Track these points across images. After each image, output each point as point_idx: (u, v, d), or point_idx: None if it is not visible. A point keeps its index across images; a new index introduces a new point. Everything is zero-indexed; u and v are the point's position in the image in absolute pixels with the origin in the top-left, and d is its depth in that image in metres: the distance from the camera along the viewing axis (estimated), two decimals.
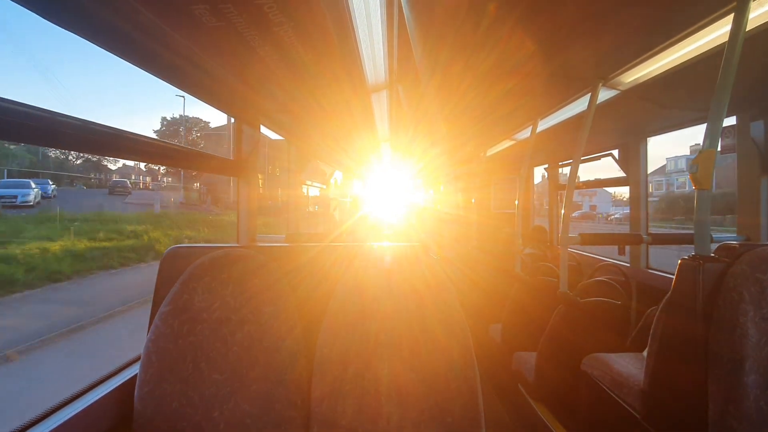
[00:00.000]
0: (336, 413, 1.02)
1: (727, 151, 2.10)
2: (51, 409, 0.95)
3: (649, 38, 1.41)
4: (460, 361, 1.05)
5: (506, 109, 2.52)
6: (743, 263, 1.07)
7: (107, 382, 1.10)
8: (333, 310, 1.11)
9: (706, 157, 1.13)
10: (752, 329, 1.03)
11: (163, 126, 33.01)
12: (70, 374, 4.20)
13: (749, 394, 1.00)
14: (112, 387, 1.07)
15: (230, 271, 1.11)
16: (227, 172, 1.94)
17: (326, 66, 1.53)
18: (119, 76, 63.22)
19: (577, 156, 2.05)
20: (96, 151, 1.06)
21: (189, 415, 1.02)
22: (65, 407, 0.97)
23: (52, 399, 0.98)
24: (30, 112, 0.81)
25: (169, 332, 1.05)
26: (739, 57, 1.12)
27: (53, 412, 0.95)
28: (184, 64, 1.33)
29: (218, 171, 1.89)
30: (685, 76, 1.63)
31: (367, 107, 2.35)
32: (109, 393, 1.05)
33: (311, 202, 11.10)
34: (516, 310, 2.66)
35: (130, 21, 1.04)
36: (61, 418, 0.92)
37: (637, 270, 2.73)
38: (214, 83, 1.56)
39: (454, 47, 1.57)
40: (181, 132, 31.57)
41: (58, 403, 0.98)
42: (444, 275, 1.14)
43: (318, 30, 1.21)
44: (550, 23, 1.33)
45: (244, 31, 1.14)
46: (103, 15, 0.97)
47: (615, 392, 1.49)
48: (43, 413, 0.93)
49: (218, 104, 1.72)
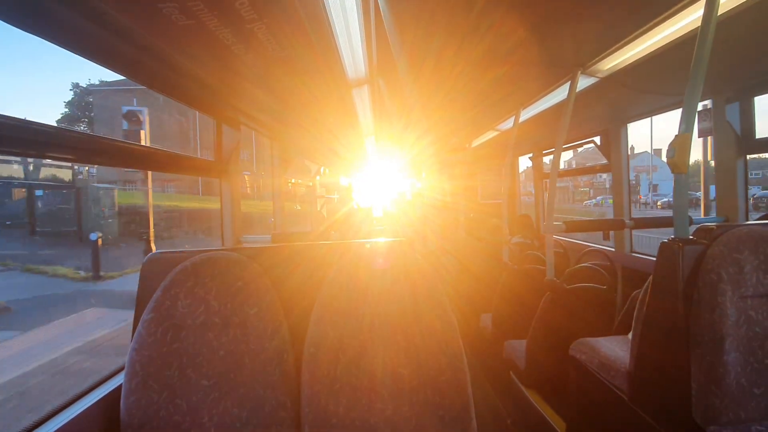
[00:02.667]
0: (327, 412, 1.02)
1: (704, 134, 2.14)
2: (34, 423, 0.93)
3: (625, 25, 1.42)
4: (449, 353, 1.06)
5: (489, 100, 2.53)
6: (720, 244, 1.10)
7: (91, 394, 1.07)
8: (320, 309, 1.10)
9: (682, 141, 1.15)
10: (731, 309, 1.05)
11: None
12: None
13: (729, 372, 1.03)
14: (97, 398, 1.05)
15: (213, 275, 1.09)
16: (209, 173, 1.91)
17: (304, 63, 1.51)
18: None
19: (559, 144, 2.07)
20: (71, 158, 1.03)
21: (177, 423, 1.00)
22: (49, 421, 0.95)
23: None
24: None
25: (153, 340, 1.03)
26: (713, 41, 1.13)
27: (37, 426, 0.93)
28: (155, 64, 1.30)
29: (200, 173, 1.86)
30: (662, 62, 1.65)
31: (348, 102, 2.33)
32: (93, 404, 1.03)
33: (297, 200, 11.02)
34: (505, 298, 2.69)
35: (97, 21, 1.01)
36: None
37: (621, 254, 2.78)
38: (191, 84, 1.53)
39: (432, 39, 1.57)
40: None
41: (42, 416, 0.96)
42: (430, 269, 1.14)
43: (293, 27, 1.19)
44: (529, 12, 1.33)
45: (216, 30, 1.12)
46: (69, 17, 0.94)
47: (602, 375, 1.52)
48: (27, 428, 0.91)
49: (196, 105, 1.68)
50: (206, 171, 1.88)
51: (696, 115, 1.21)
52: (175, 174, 1.66)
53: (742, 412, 1.03)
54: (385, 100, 2.46)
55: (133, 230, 11.72)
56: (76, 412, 0.98)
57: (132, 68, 1.23)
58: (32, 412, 3.29)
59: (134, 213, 13.06)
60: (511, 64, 1.83)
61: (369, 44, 1.65)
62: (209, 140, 3.17)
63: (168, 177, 23.49)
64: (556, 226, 2.01)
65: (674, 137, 1.18)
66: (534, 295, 2.23)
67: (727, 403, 1.03)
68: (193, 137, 22.54)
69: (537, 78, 2.06)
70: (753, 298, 1.08)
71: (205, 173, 1.88)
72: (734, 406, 1.03)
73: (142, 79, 1.28)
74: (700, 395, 1.05)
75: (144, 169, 1.63)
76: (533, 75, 2.01)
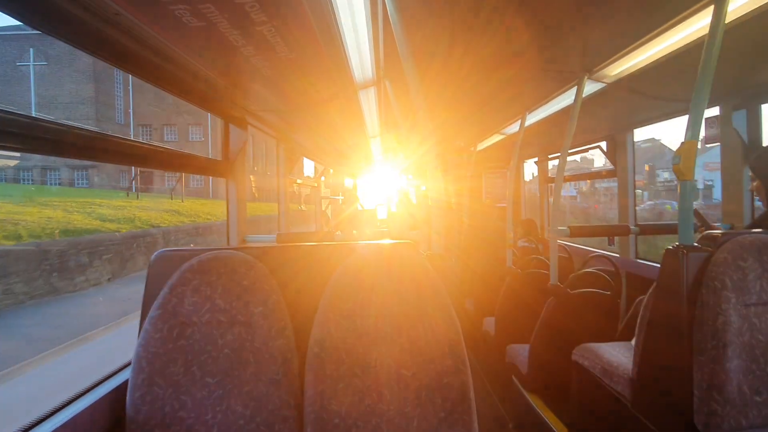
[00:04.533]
0: (330, 411, 1.03)
1: (711, 141, 2.14)
2: (41, 417, 0.94)
3: (633, 31, 1.42)
4: (452, 355, 1.07)
5: (495, 103, 2.54)
6: (725, 251, 1.09)
7: (98, 389, 1.09)
8: (324, 309, 1.11)
9: (688, 148, 1.15)
10: (734, 316, 1.05)
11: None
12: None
13: (732, 379, 1.03)
14: (103, 393, 1.06)
15: (219, 274, 1.10)
16: (216, 173, 1.93)
17: (312, 64, 1.52)
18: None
19: (565, 149, 2.07)
20: (77, 155, 1.04)
21: (182, 419, 1.01)
22: (55, 414, 0.97)
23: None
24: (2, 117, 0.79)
25: (159, 336, 1.05)
26: (720, 48, 1.14)
27: (43, 420, 0.94)
28: (167, 65, 1.32)
29: (207, 172, 1.88)
30: (669, 68, 1.65)
31: (355, 104, 2.35)
32: (100, 399, 1.04)
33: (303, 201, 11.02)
34: (508, 302, 2.69)
35: (110, 22, 1.03)
36: (51, 426, 0.91)
37: (626, 260, 2.77)
38: (200, 84, 1.55)
39: (440, 41, 1.58)
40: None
41: (49, 410, 0.97)
42: (434, 272, 1.15)
43: (301, 29, 1.20)
44: (537, 17, 1.34)
45: (226, 31, 1.13)
46: (82, 17, 0.96)
47: (605, 381, 1.51)
48: (33, 421, 0.92)
49: (204, 105, 1.71)
50: (213, 170, 1.90)
51: (703, 122, 1.21)
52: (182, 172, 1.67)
53: (744, 420, 1.03)
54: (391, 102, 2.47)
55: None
56: (82, 407, 0.99)
57: (143, 68, 1.25)
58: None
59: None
60: (518, 68, 1.84)
61: (376, 46, 1.67)
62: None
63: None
64: (559, 230, 2.01)
65: (680, 144, 1.18)
66: (537, 300, 2.23)
67: (728, 410, 1.02)
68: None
69: (544, 82, 2.06)
70: (756, 306, 1.08)
71: (212, 172, 1.90)
72: (735, 413, 1.03)
73: (150, 77, 1.30)
74: (702, 402, 1.05)
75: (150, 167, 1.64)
76: (540, 79, 2.01)
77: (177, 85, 1.44)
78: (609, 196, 24.71)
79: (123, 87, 24.29)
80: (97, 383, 1.12)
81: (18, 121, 0.82)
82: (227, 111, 1.93)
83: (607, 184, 26.44)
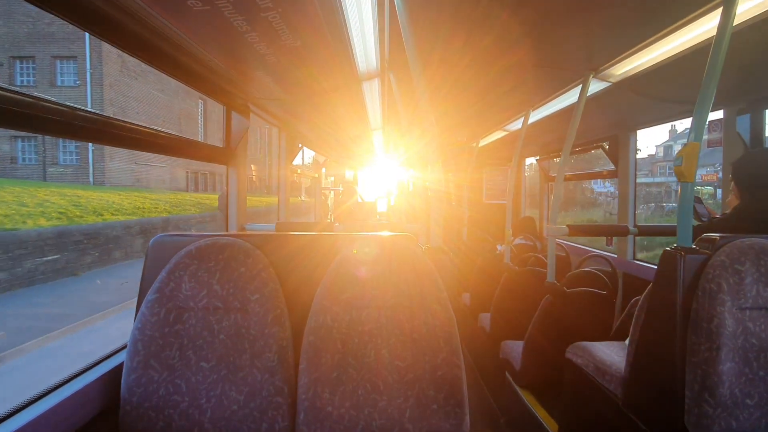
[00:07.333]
0: (323, 400, 1.04)
1: (713, 144, 2.13)
2: (36, 396, 0.95)
3: (639, 31, 1.41)
4: (446, 349, 1.07)
5: (498, 100, 2.52)
6: (722, 254, 1.10)
7: (93, 370, 1.10)
8: (321, 299, 1.12)
9: (691, 150, 1.15)
10: (729, 319, 1.05)
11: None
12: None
13: (724, 382, 1.04)
14: (99, 374, 1.07)
15: (217, 260, 1.11)
16: (217, 159, 1.92)
17: (316, 53, 1.51)
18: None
19: (567, 148, 2.06)
20: (81, 137, 1.04)
21: (176, 403, 1.02)
22: (51, 394, 0.97)
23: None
24: (9, 97, 0.79)
25: (156, 320, 1.05)
26: (727, 51, 1.13)
27: (39, 398, 0.95)
28: (168, 47, 1.31)
29: (208, 159, 1.87)
30: (675, 70, 1.64)
31: (358, 95, 2.33)
32: (95, 380, 1.05)
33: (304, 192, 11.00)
34: (505, 299, 2.70)
35: (112, 3, 1.02)
36: (46, 405, 0.92)
37: (623, 261, 2.77)
38: (203, 69, 1.54)
39: (446, 36, 1.56)
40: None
41: (44, 390, 0.98)
42: (431, 265, 1.15)
43: (307, 17, 1.19)
44: (543, 13, 1.32)
45: (231, 16, 1.12)
46: None
47: (598, 379, 1.53)
48: (29, 400, 0.93)
49: (207, 91, 1.70)
50: (214, 157, 1.89)
51: (706, 125, 1.21)
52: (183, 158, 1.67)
53: (734, 422, 1.04)
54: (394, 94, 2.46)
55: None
56: (77, 388, 1.00)
57: (145, 50, 1.24)
58: None
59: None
60: (523, 65, 1.83)
61: (382, 38, 1.65)
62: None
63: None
64: (558, 229, 2.01)
65: (683, 146, 1.17)
66: (533, 297, 2.24)
67: (719, 413, 1.03)
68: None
69: (548, 80, 2.05)
70: (752, 310, 1.08)
71: (213, 159, 1.90)
72: (726, 415, 1.04)
73: (153, 61, 1.29)
74: (694, 403, 1.06)
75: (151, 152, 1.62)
76: (545, 77, 2.00)
77: (177, 69, 1.42)
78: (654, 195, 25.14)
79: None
80: (93, 365, 1.13)
81: (17, 100, 0.81)
82: (229, 98, 1.92)
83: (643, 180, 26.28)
